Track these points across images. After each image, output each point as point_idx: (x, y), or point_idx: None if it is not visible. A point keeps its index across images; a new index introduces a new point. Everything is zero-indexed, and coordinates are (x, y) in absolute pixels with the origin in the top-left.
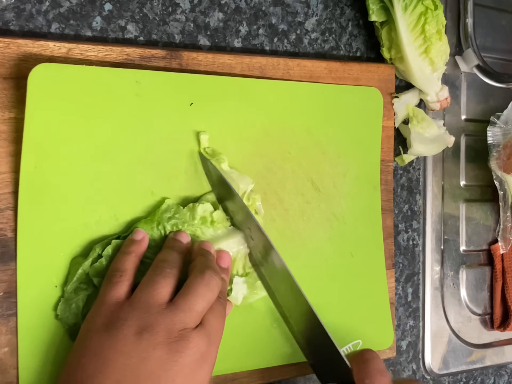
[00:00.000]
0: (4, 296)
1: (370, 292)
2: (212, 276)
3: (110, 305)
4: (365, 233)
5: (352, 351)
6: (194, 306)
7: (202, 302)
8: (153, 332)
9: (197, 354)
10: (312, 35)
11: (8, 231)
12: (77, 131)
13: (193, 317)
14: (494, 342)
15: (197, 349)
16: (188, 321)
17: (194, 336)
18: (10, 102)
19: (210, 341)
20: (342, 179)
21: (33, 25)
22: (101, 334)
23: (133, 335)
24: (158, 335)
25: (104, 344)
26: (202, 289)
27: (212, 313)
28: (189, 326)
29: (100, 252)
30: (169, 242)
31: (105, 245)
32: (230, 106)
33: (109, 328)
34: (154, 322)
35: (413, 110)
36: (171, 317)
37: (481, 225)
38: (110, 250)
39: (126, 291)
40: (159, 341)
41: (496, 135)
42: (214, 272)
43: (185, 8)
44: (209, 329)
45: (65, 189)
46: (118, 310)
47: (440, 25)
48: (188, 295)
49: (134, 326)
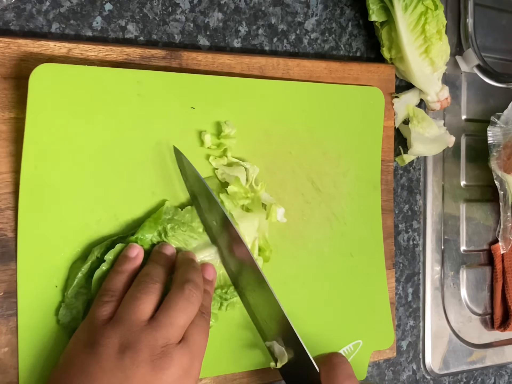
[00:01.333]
0: (4, 296)
1: (370, 292)
2: (191, 290)
3: (96, 324)
4: (365, 233)
5: (321, 355)
6: (175, 321)
7: (183, 316)
8: (136, 350)
9: (180, 370)
10: (312, 35)
11: (8, 231)
12: (78, 131)
13: (175, 332)
14: (494, 342)
15: (180, 366)
16: (170, 336)
17: (177, 352)
18: (11, 102)
19: (193, 357)
20: (342, 179)
21: (33, 25)
22: (86, 352)
23: (116, 353)
24: (141, 353)
25: (89, 362)
26: (183, 303)
27: (195, 328)
28: (172, 342)
29: (98, 255)
30: (153, 255)
31: (104, 247)
32: (230, 106)
33: (94, 346)
34: (136, 340)
35: (413, 110)
36: (153, 333)
37: (482, 225)
38: (112, 255)
39: (114, 310)
40: (142, 358)
41: (496, 135)
42: (194, 285)
43: (185, 8)
44: (191, 345)
45: (65, 189)
46: (103, 328)
47: (440, 25)
48: (169, 310)
49: (117, 344)
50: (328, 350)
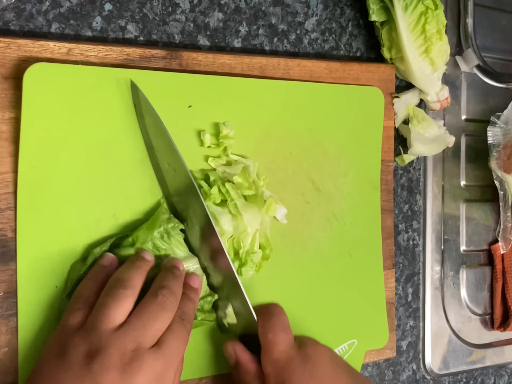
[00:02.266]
0: (4, 296)
1: (367, 291)
2: (165, 297)
3: (66, 331)
4: (364, 233)
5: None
6: (147, 325)
7: (155, 322)
8: (105, 355)
9: (151, 375)
10: (312, 35)
11: (8, 231)
12: (75, 130)
13: (147, 336)
14: (494, 342)
15: (151, 370)
16: (141, 340)
17: (149, 356)
18: (10, 102)
19: (167, 363)
20: (343, 179)
21: (33, 25)
22: (57, 360)
23: (85, 359)
24: (110, 357)
25: (59, 370)
26: (155, 309)
27: (171, 334)
28: (143, 346)
29: (97, 255)
30: (129, 260)
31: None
32: (230, 106)
33: (64, 354)
34: (105, 345)
35: (413, 110)
36: (123, 337)
37: (481, 225)
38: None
39: (85, 318)
40: (111, 363)
41: (496, 135)
42: (168, 292)
43: (185, 8)
44: (166, 350)
45: (64, 189)
46: (73, 336)
47: (440, 25)
48: (140, 315)
49: (86, 351)
50: None
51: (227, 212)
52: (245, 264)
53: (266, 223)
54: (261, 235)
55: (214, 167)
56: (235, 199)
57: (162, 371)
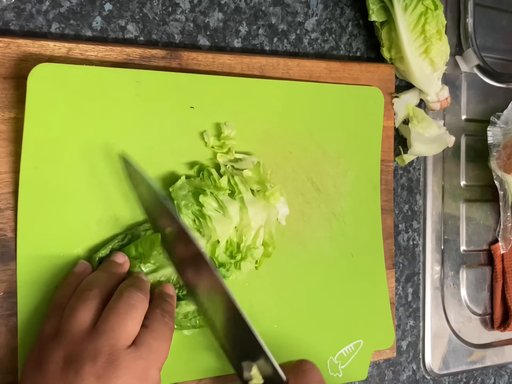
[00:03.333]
0: (4, 296)
1: (370, 291)
2: (132, 292)
3: (43, 340)
4: (365, 233)
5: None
6: (117, 326)
7: (125, 321)
8: (78, 362)
9: (131, 376)
10: (312, 35)
11: (8, 231)
12: (77, 131)
13: (120, 338)
14: (494, 342)
15: (129, 371)
16: (114, 343)
17: (125, 358)
18: (10, 102)
19: (147, 363)
20: (342, 179)
21: (33, 25)
22: (35, 370)
23: (61, 368)
24: (84, 364)
25: (37, 379)
26: (122, 307)
27: (149, 333)
28: (118, 348)
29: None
30: (102, 264)
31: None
32: (230, 106)
33: (42, 363)
34: (78, 352)
35: (413, 110)
36: (94, 342)
37: (481, 225)
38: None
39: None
40: (86, 370)
41: (496, 135)
42: (135, 288)
43: (185, 8)
44: (144, 350)
45: (65, 189)
46: (48, 344)
47: (440, 25)
48: (109, 316)
49: (61, 359)
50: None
51: (236, 201)
52: (245, 259)
53: (272, 221)
54: (266, 232)
55: (223, 163)
56: (243, 193)
57: (143, 371)
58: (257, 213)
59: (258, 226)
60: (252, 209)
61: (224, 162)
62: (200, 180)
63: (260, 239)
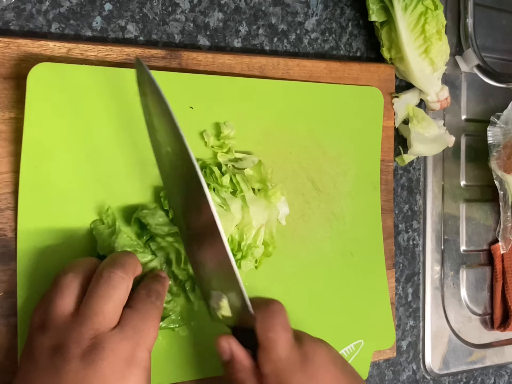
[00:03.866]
0: (4, 296)
1: (371, 291)
2: (111, 272)
3: (32, 332)
4: (365, 233)
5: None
6: (99, 310)
7: (107, 302)
8: (64, 348)
9: (116, 358)
10: (312, 35)
11: (8, 231)
12: (76, 130)
13: (102, 321)
14: (494, 342)
15: (114, 353)
16: (97, 326)
17: (110, 340)
18: (10, 102)
19: (136, 343)
20: (342, 179)
21: (33, 25)
22: (26, 359)
23: (48, 354)
24: (69, 349)
25: (28, 369)
26: (101, 289)
27: (135, 313)
28: (101, 331)
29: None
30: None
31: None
32: (229, 106)
33: (30, 352)
34: (63, 338)
35: (413, 110)
36: (78, 328)
37: (481, 225)
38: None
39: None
40: (71, 355)
41: (496, 135)
42: (114, 268)
43: (184, 8)
44: (129, 331)
45: (65, 189)
46: (36, 335)
47: (440, 25)
48: (90, 299)
49: (48, 345)
50: None
51: (238, 199)
52: (245, 257)
53: (273, 221)
54: (267, 232)
55: (223, 162)
56: (245, 191)
57: (129, 352)
58: (258, 212)
59: (259, 225)
60: (254, 208)
61: (225, 162)
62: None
63: (261, 238)
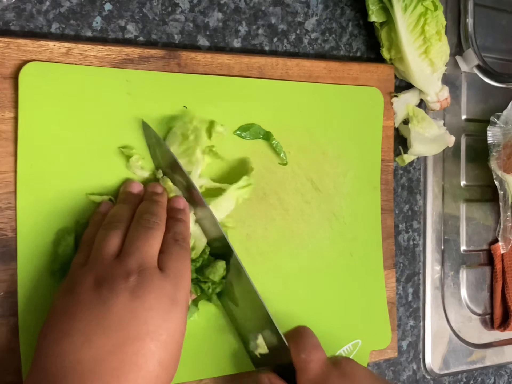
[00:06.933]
0: (4, 296)
1: (369, 291)
2: (145, 219)
3: (74, 270)
4: (364, 233)
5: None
6: (142, 245)
7: (146, 241)
8: (112, 280)
9: (162, 295)
10: (312, 35)
11: (9, 231)
12: (70, 129)
13: (146, 257)
14: (494, 342)
15: (161, 290)
16: (141, 262)
17: (156, 277)
18: (10, 102)
19: (176, 285)
20: (342, 179)
21: (33, 25)
22: (66, 295)
23: (93, 288)
24: (117, 282)
25: (69, 302)
26: (142, 232)
27: (168, 256)
28: (147, 266)
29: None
30: (120, 196)
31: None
32: (228, 106)
33: (73, 289)
34: (110, 271)
35: (413, 110)
36: (125, 263)
37: (481, 225)
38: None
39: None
40: (119, 287)
41: (496, 135)
42: (149, 215)
43: (184, 8)
44: (169, 272)
45: (62, 187)
46: (78, 271)
47: (440, 25)
48: (131, 241)
49: (92, 280)
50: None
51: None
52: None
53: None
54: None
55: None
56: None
57: (174, 294)
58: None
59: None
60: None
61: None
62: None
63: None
